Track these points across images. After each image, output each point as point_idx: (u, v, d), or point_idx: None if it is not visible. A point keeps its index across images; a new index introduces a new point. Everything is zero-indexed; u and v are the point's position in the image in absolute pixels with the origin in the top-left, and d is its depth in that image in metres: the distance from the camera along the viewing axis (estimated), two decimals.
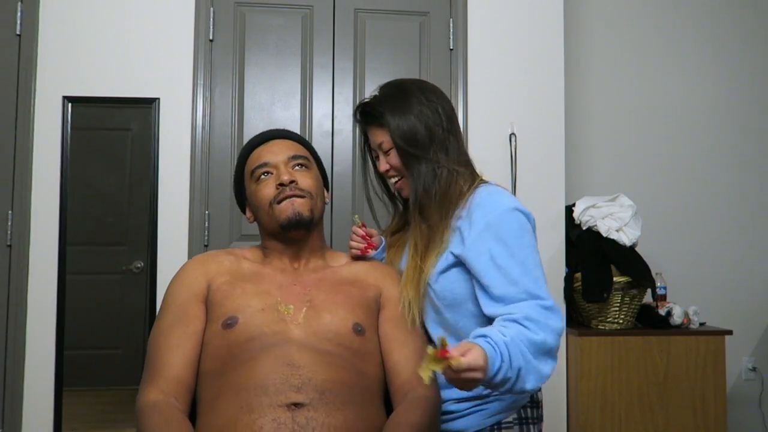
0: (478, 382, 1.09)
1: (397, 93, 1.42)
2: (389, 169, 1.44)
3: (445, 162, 1.38)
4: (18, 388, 2.28)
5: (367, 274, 1.46)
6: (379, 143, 1.43)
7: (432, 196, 1.36)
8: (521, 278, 1.25)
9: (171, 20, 2.47)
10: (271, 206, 1.40)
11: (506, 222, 1.29)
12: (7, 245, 2.32)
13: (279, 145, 1.46)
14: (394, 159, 1.41)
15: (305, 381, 1.20)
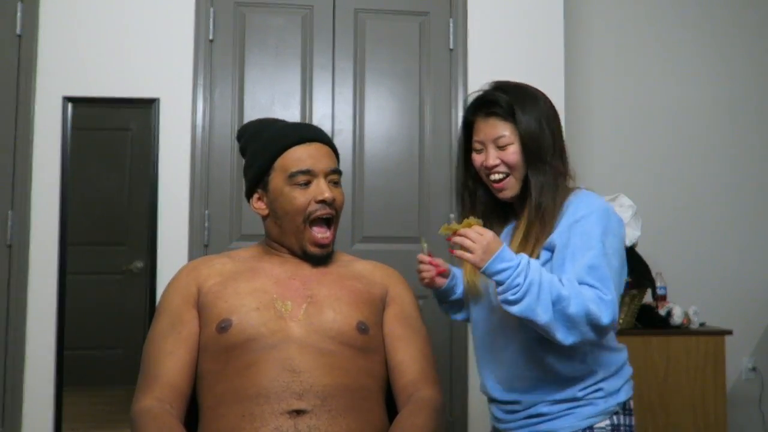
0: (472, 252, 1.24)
1: (524, 92, 1.42)
2: (498, 165, 1.39)
3: (561, 168, 1.41)
4: (18, 388, 2.28)
5: (372, 272, 1.43)
6: (496, 136, 1.38)
7: (551, 199, 1.37)
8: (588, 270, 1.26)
9: (171, 20, 2.47)
10: (305, 222, 1.35)
11: (593, 219, 1.32)
12: (7, 245, 2.32)
13: (321, 151, 1.38)
14: (512, 156, 1.38)
15: (306, 388, 1.19)
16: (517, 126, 1.37)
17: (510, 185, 1.40)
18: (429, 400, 1.27)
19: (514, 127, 1.37)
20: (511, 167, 1.39)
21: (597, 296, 1.23)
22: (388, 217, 2.55)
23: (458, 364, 2.52)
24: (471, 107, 1.45)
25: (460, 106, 2.57)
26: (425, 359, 1.35)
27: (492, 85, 1.44)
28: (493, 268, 1.23)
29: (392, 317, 1.38)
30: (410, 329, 1.37)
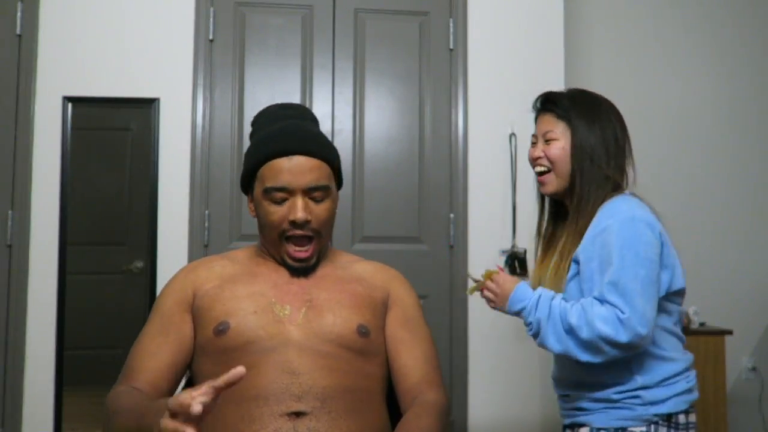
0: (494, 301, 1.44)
1: (589, 97, 1.52)
2: (541, 158, 1.47)
3: (612, 176, 1.45)
4: (18, 388, 2.28)
5: (373, 275, 1.40)
6: (546, 131, 1.48)
7: (588, 206, 1.42)
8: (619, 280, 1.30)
9: (171, 20, 2.47)
10: (280, 239, 1.31)
11: (614, 230, 1.34)
12: (7, 245, 2.32)
13: (304, 166, 1.28)
14: (554, 151, 1.45)
15: (306, 389, 1.17)
16: (569, 125, 1.44)
17: (550, 180, 1.46)
18: (434, 403, 1.26)
19: (566, 126, 1.45)
20: (553, 162, 1.45)
21: (613, 316, 1.28)
22: (388, 217, 2.55)
23: (458, 365, 2.52)
24: (536, 103, 1.56)
25: (460, 106, 2.57)
26: (429, 362, 1.33)
27: (565, 90, 1.54)
28: (511, 311, 1.41)
29: (395, 320, 1.35)
30: (413, 332, 1.35)
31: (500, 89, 2.61)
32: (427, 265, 2.55)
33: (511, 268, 2.55)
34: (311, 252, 1.31)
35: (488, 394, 2.54)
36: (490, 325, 2.54)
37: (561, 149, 1.44)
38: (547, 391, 2.58)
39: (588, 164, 1.42)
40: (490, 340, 2.55)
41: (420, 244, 2.56)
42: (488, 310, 2.57)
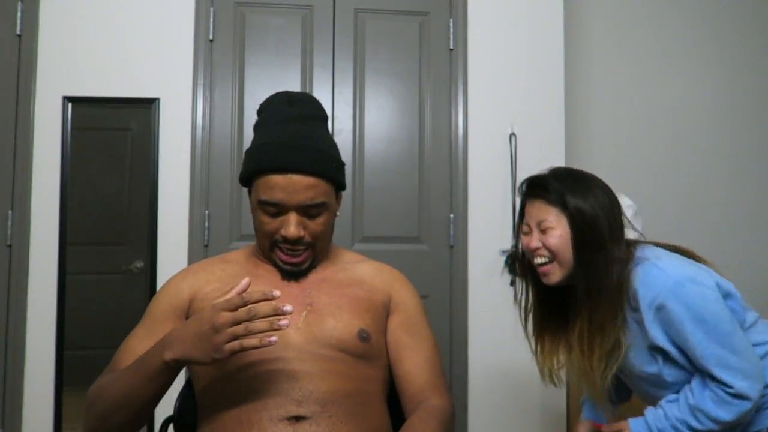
0: None
1: (574, 175, 1.41)
2: (540, 248, 1.38)
3: (617, 253, 1.34)
4: (18, 388, 2.28)
5: (374, 277, 1.38)
6: (540, 220, 1.39)
7: (605, 290, 1.33)
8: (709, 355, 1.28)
9: (171, 20, 2.47)
10: (272, 248, 1.31)
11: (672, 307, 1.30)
12: (7, 245, 2.32)
13: (296, 184, 1.25)
14: (553, 240, 1.36)
15: (306, 394, 1.17)
16: (566, 211, 1.35)
17: (553, 271, 1.39)
18: (439, 409, 1.24)
19: (561, 212, 1.36)
20: (553, 252, 1.37)
21: (718, 400, 1.28)
22: (388, 217, 2.55)
23: (458, 364, 2.52)
24: (523, 189, 1.45)
25: (460, 106, 2.57)
26: (433, 368, 1.32)
27: (547, 171, 1.43)
28: None
29: (397, 325, 1.34)
30: (416, 337, 1.33)
31: (500, 89, 2.61)
32: (427, 265, 2.55)
33: (511, 268, 2.54)
34: (303, 258, 1.31)
35: (488, 394, 2.54)
36: (490, 325, 2.54)
37: (560, 237, 1.36)
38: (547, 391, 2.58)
39: (594, 252, 1.34)
40: (490, 340, 2.55)
41: (420, 244, 2.56)
42: (488, 309, 2.58)
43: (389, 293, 1.37)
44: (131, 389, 1.14)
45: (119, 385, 1.16)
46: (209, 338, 1.06)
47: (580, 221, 1.34)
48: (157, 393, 1.14)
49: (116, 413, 1.15)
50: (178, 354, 1.09)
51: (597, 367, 1.35)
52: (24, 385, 2.29)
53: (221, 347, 1.05)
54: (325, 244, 1.35)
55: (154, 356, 1.12)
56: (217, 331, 1.05)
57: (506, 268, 2.55)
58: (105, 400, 1.17)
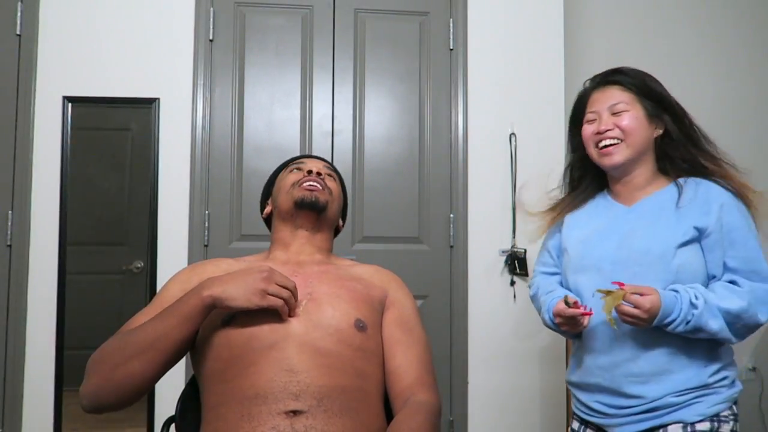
0: (643, 322, 1.29)
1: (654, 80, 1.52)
2: (611, 129, 1.43)
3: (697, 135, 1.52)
4: (18, 388, 2.28)
5: (372, 276, 1.46)
6: (612, 103, 1.44)
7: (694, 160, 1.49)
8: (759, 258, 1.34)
9: (171, 20, 2.47)
10: (293, 186, 1.46)
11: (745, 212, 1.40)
12: (7, 245, 2.32)
13: (320, 162, 1.55)
14: (627, 121, 1.42)
15: (303, 388, 1.21)
16: (638, 95, 1.43)
17: (619, 151, 1.43)
18: (425, 404, 1.27)
19: (635, 97, 1.43)
20: (626, 132, 1.42)
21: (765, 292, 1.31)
22: (388, 217, 2.55)
23: (458, 364, 2.52)
24: (594, 80, 1.51)
25: (460, 106, 2.57)
26: (423, 365, 1.36)
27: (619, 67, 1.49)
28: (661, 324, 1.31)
29: (391, 321, 1.39)
30: (409, 334, 1.38)
31: (500, 89, 2.61)
32: (427, 265, 2.55)
33: (510, 268, 2.55)
34: (321, 193, 1.45)
35: (488, 394, 2.54)
36: (490, 324, 2.55)
37: (635, 118, 1.42)
38: (547, 391, 2.58)
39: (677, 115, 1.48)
40: (490, 339, 2.55)
41: (420, 244, 2.56)
42: (488, 309, 2.57)
43: (386, 290, 1.43)
44: (161, 331, 1.21)
45: (145, 331, 1.22)
46: (256, 284, 1.22)
47: (654, 95, 1.46)
48: (185, 338, 1.22)
49: (137, 358, 1.20)
50: (217, 292, 1.21)
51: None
52: (24, 385, 2.30)
53: (266, 296, 1.22)
54: (335, 206, 1.51)
55: (190, 297, 1.22)
56: (269, 282, 1.23)
57: (506, 268, 2.55)
58: (123, 350, 1.21)
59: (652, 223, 1.40)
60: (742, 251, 1.33)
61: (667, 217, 1.37)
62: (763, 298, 1.31)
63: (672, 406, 1.36)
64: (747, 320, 1.31)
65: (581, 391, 1.50)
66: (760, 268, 1.32)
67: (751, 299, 1.30)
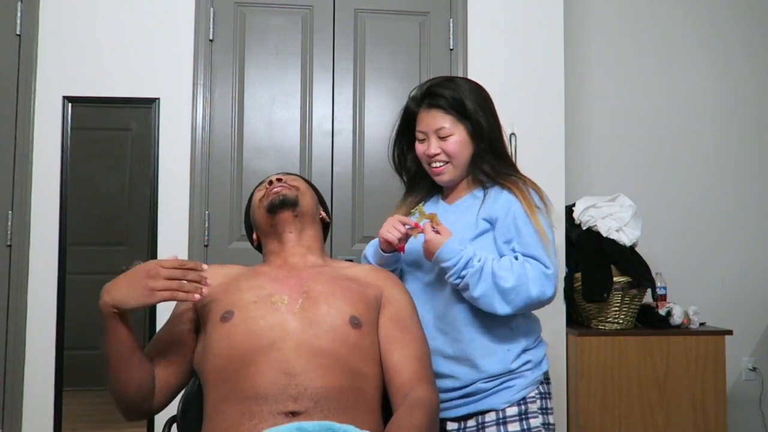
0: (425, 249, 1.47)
1: (475, 88, 1.61)
2: (439, 154, 1.55)
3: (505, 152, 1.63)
4: (18, 388, 2.28)
5: (367, 275, 1.48)
6: (437, 127, 1.54)
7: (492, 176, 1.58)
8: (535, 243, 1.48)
9: (171, 20, 2.46)
10: (261, 201, 1.49)
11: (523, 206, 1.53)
12: (7, 245, 2.32)
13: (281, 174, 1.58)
14: (452, 146, 1.54)
15: (301, 390, 1.23)
16: (464, 119, 1.54)
17: (448, 171, 1.57)
18: (424, 399, 1.29)
19: (456, 120, 1.54)
20: (451, 156, 1.55)
21: (538, 274, 1.43)
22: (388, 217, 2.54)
23: None
24: (415, 99, 1.60)
25: None
26: (420, 360, 1.37)
27: (432, 81, 1.60)
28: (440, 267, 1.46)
29: (387, 319, 1.41)
30: (405, 331, 1.40)
31: (500, 89, 2.59)
32: None
33: None
34: (287, 190, 1.48)
35: None
36: None
37: (459, 142, 1.54)
38: None
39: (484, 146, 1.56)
40: None
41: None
42: None
43: (381, 288, 1.45)
44: (106, 348, 1.29)
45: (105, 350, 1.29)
46: (142, 282, 1.25)
47: (478, 130, 1.54)
48: (120, 346, 1.28)
49: (111, 380, 1.31)
50: (110, 298, 1.28)
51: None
52: (24, 385, 2.29)
53: (154, 292, 1.23)
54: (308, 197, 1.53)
55: (100, 307, 1.28)
56: (152, 278, 1.24)
57: None
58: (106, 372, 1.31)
59: (460, 218, 1.57)
60: (525, 238, 1.48)
61: (472, 213, 1.54)
62: (535, 277, 1.43)
63: (483, 392, 1.48)
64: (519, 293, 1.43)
65: None
66: (536, 253, 1.46)
67: (521, 274, 1.43)
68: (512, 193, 1.52)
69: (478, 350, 1.49)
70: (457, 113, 1.54)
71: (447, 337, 1.52)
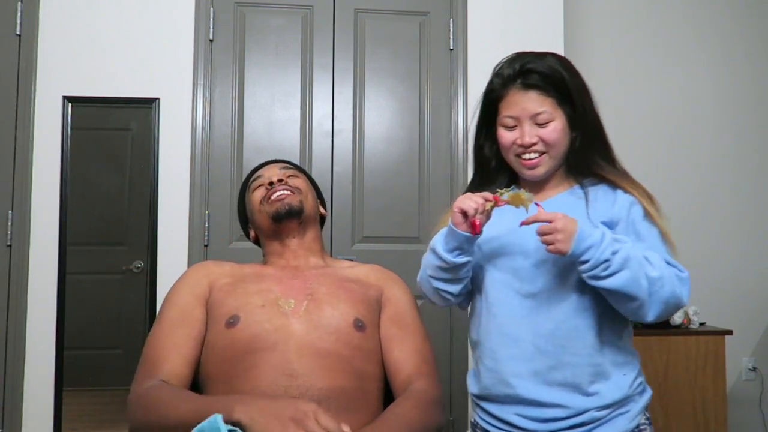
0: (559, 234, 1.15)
1: (571, 65, 1.34)
2: (536, 143, 1.29)
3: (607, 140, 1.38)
4: (18, 388, 2.28)
5: (367, 275, 1.47)
6: (536, 112, 1.28)
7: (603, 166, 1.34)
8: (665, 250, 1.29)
9: (171, 20, 2.47)
10: (262, 204, 1.46)
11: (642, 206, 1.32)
12: (7, 245, 2.32)
13: (274, 165, 1.55)
14: (552, 134, 1.28)
15: (304, 391, 1.22)
16: (565, 98, 1.29)
17: (545, 163, 1.31)
18: (418, 391, 1.29)
19: (556, 103, 1.29)
20: (550, 146, 1.29)
21: (678, 275, 1.23)
22: (388, 217, 2.55)
23: (458, 364, 2.52)
24: (507, 78, 1.34)
25: (460, 106, 2.57)
26: (421, 355, 1.37)
27: (524, 57, 1.34)
28: (579, 249, 1.15)
29: (387, 319, 1.40)
30: (405, 328, 1.39)
31: None
32: None
33: None
34: (291, 197, 1.44)
35: None
36: None
37: (560, 130, 1.29)
38: None
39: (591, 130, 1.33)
40: None
41: (420, 244, 2.55)
42: None
43: (381, 289, 1.44)
44: (181, 422, 1.12)
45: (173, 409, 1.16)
46: (285, 421, 1.04)
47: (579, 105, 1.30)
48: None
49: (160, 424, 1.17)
50: (246, 420, 1.06)
51: None
52: (24, 385, 2.29)
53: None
54: (310, 199, 1.50)
55: (223, 407, 1.09)
56: (298, 424, 1.04)
57: None
58: (151, 413, 1.18)
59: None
60: (651, 241, 1.27)
61: (578, 214, 1.24)
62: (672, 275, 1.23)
63: (596, 420, 1.24)
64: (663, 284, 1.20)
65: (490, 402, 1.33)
66: (666, 257, 1.26)
67: (663, 266, 1.22)
68: (628, 193, 1.30)
69: (593, 375, 1.24)
70: (559, 95, 1.29)
71: (551, 359, 1.24)
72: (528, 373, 1.25)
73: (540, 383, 1.24)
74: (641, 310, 1.18)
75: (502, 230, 1.31)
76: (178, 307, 1.35)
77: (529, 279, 1.27)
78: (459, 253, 1.27)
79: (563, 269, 1.26)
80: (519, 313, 1.27)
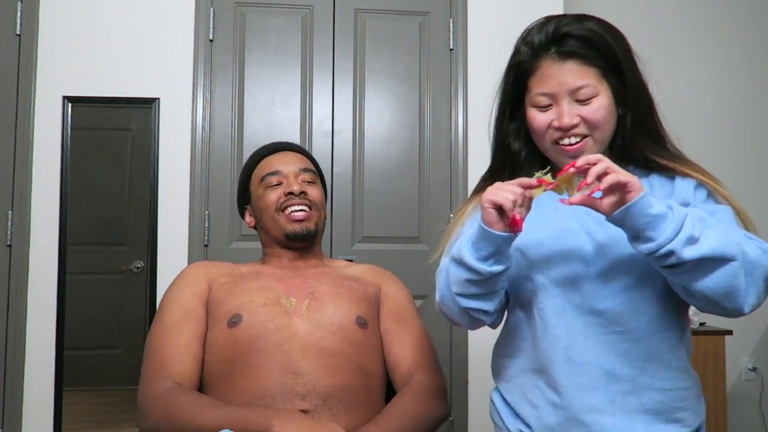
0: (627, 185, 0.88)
1: (616, 30, 1.11)
2: (577, 125, 1.04)
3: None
4: (18, 388, 2.28)
5: (364, 274, 1.48)
6: (577, 86, 1.04)
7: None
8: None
9: (171, 20, 2.47)
10: (277, 212, 1.42)
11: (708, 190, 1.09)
12: (7, 245, 2.32)
13: (290, 157, 1.49)
14: (597, 112, 1.04)
15: (309, 389, 1.23)
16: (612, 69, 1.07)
17: (589, 147, 1.05)
18: (418, 384, 1.30)
19: (601, 74, 1.07)
20: (594, 127, 1.05)
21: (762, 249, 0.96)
22: (388, 217, 2.55)
23: (458, 364, 2.52)
24: (535, 47, 1.12)
25: (460, 106, 2.57)
26: (420, 349, 1.38)
27: (558, 20, 1.12)
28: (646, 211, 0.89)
29: (386, 315, 1.42)
30: (403, 323, 1.41)
31: None
32: (427, 265, 2.54)
33: None
34: (309, 217, 1.42)
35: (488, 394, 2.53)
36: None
37: (606, 107, 1.05)
38: None
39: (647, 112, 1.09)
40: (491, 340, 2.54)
41: (420, 244, 2.56)
42: None
43: (379, 286, 1.46)
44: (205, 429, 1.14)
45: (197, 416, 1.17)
46: None
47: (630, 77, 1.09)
48: None
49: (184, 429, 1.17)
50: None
51: None
52: (24, 385, 2.29)
53: None
54: (323, 215, 1.48)
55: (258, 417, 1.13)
56: None
57: None
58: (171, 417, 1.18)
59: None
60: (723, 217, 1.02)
61: None
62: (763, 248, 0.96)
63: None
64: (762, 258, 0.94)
65: None
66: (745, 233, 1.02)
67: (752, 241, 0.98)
68: (687, 177, 1.08)
69: (681, 400, 1.03)
70: (604, 64, 1.07)
71: (629, 384, 1.02)
72: (603, 405, 1.02)
73: (618, 413, 1.01)
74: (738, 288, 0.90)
75: (549, 232, 1.07)
76: (180, 305, 1.34)
77: (592, 292, 1.03)
78: (495, 260, 0.99)
79: (638, 278, 1.02)
80: (583, 333, 1.03)
